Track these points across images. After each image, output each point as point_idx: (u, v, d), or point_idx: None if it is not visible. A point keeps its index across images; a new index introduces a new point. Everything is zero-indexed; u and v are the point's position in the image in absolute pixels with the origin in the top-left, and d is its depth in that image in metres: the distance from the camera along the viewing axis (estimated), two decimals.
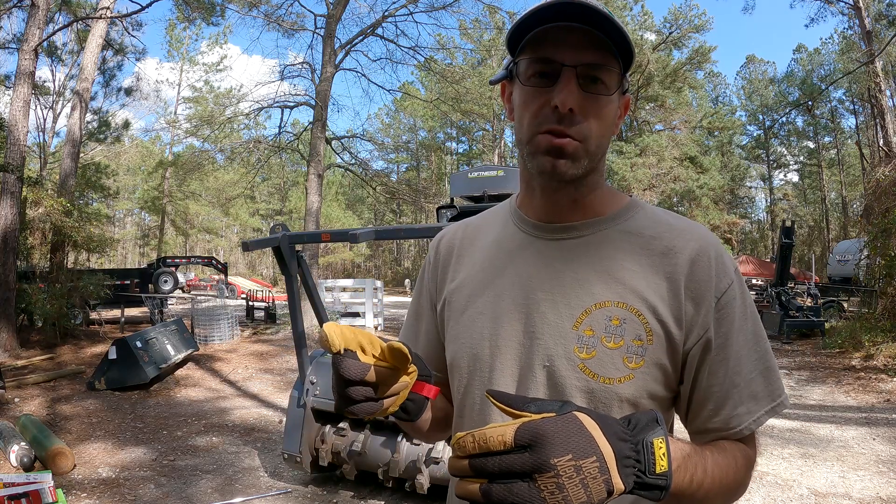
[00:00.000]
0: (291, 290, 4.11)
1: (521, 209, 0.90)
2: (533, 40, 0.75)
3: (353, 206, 42.87)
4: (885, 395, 6.66)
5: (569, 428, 0.55)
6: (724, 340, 0.77)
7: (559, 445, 0.53)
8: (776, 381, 0.79)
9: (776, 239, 16.63)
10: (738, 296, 0.78)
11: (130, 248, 43.62)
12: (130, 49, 17.26)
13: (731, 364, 0.77)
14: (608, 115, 0.78)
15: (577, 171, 0.77)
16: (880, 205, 9.85)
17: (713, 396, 0.77)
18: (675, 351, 0.77)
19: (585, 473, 0.53)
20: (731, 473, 0.74)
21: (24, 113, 9.01)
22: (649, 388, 0.76)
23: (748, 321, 0.79)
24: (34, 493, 3.15)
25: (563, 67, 0.74)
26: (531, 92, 0.77)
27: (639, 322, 0.76)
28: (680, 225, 0.82)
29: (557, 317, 0.79)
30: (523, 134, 0.79)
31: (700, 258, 0.78)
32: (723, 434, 0.78)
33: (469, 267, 0.91)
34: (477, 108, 28.24)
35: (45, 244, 9.87)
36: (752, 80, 38.90)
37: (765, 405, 0.78)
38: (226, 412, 6.30)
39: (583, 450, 0.54)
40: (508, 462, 0.53)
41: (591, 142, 0.77)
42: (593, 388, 0.75)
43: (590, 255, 0.81)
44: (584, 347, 0.76)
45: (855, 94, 28.67)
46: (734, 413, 0.77)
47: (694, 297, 0.77)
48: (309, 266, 4.45)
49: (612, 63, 0.75)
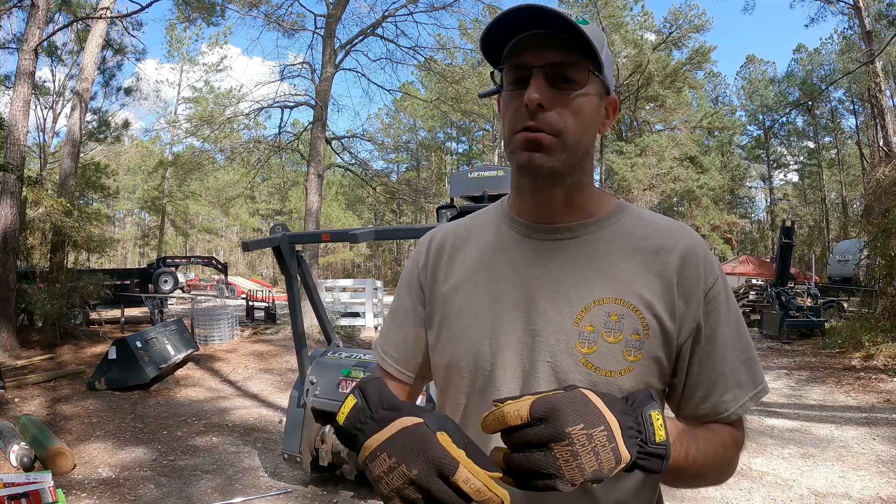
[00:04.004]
0: (291, 290, 4.11)
1: (512, 211, 0.92)
2: (510, 50, 0.81)
3: (353, 206, 42.85)
4: (885, 395, 6.66)
5: (578, 401, 0.61)
6: (712, 332, 0.82)
7: (572, 416, 0.59)
8: (757, 369, 0.85)
9: (776, 239, 16.62)
10: (723, 291, 0.84)
11: (130, 248, 43.58)
12: (130, 49, 17.28)
13: (718, 354, 0.83)
14: (583, 110, 0.81)
15: (553, 164, 0.80)
16: (880, 205, 9.85)
17: (703, 384, 0.83)
18: (670, 344, 0.81)
19: (596, 442, 0.59)
20: (721, 451, 0.81)
21: (24, 113, 9.01)
22: (647, 380, 0.80)
23: (732, 315, 0.84)
24: (34, 493, 3.16)
25: (533, 69, 0.79)
26: (509, 95, 0.82)
27: (636, 317, 0.80)
28: (667, 225, 0.87)
29: (558, 314, 0.82)
30: (505, 135, 0.83)
31: (689, 256, 0.83)
32: (712, 419, 0.84)
33: (462, 268, 0.92)
34: (477, 108, 28.22)
35: (45, 244, 9.87)
36: (752, 80, 38.91)
37: (748, 392, 0.84)
38: (226, 412, 6.30)
39: (593, 420, 0.60)
40: (525, 435, 0.59)
41: (568, 135, 0.79)
42: (596, 382, 0.79)
43: (586, 255, 0.84)
44: (586, 343, 0.80)
45: (855, 94, 28.70)
46: (721, 399, 0.83)
47: (685, 292, 0.82)
48: (309, 266, 4.45)
49: (579, 59, 0.79)
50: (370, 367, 3.81)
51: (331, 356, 4.08)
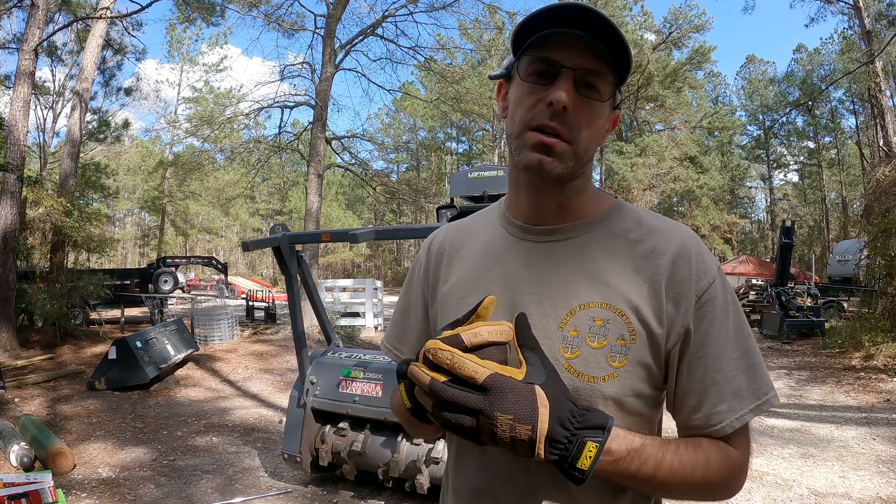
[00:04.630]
0: (291, 290, 4.11)
1: (508, 211, 0.92)
2: (537, 41, 0.78)
3: (353, 206, 42.85)
4: (885, 395, 6.66)
5: (522, 395, 0.65)
6: (704, 338, 0.78)
7: (509, 403, 0.64)
8: (761, 378, 0.79)
9: (776, 239, 16.63)
10: (720, 294, 0.80)
11: (130, 248, 43.58)
12: (130, 49, 17.26)
13: (710, 361, 0.78)
14: (598, 122, 0.81)
15: (562, 171, 0.79)
16: (880, 205, 9.85)
17: (693, 393, 0.79)
18: (658, 350, 0.79)
19: (518, 433, 0.64)
20: (701, 472, 0.75)
21: (24, 113, 9.01)
22: (634, 386, 0.79)
23: (730, 319, 0.79)
24: (34, 493, 3.16)
25: (563, 69, 0.77)
26: (528, 88, 0.80)
27: (622, 322, 0.78)
28: (662, 226, 0.84)
29: (543, 318, 0.81)
30: (514, 128, 0.81)
31: (680, 258, 0.80)
32: (705, 431, 0.79)
33: (460, 269, 0.93)
34: (477, 108, 28.23)
35: (45, 244, 9.87)
36: (752, 80, 38.90)
37: (748, 403, 0.77)
38: (226, 412, 6.30)
39: (524, 416, 0.64)
40: (463, 398, 0.64)
41: (580, 145, 0.79)
42: (578, 387, 0.78)
43: (575, 258, 0.83)
44: (569, 347, 0.79)
45: (855, 94, 28.67)
46: (714, 410, 0.77)
47: (674, 296, 0.79)
48: (309, 266, 4.45)
49: (608, 73, 0.78)
50: (370, 367, 3.81)
51: (331, 356, 4.08)
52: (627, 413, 0.79)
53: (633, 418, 0.80)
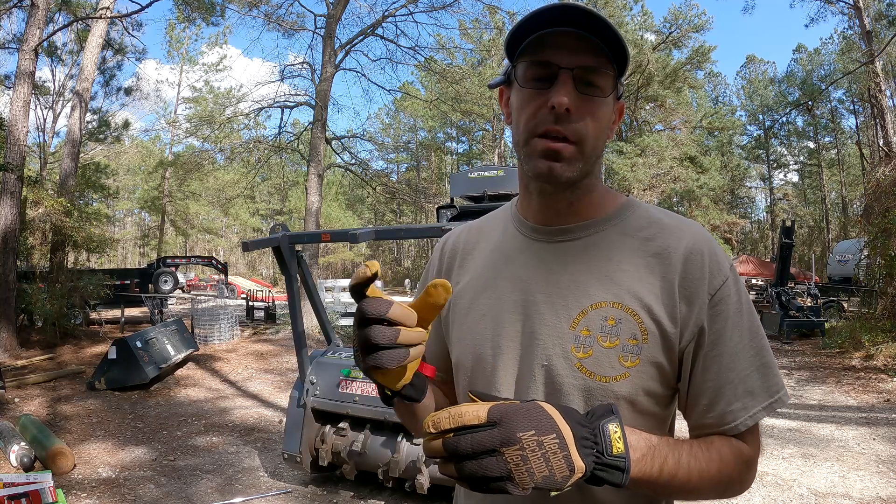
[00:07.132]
0: (291, 290, 4.11)
1: (520, 212, 0.92)
2: (531, 45, 0.77)
3: (353, 206, 42.83)
4: (885, 395, 6.66)
5: (532, 410, 0.63)
6: (717, 337, 0.78)
7: (523, 421, 0.61)
8: (773, 377, 0.79)
9: (776, 239, 16.63)
10: (733, 293, 0.79)
11: (130, 248, 43.58)
12: (130, 49, 17.29)
13: (724, 360, 0.78)
14: (603, 118, 0.80)
15: (572, 174, 0.79)
16: (880, 205, 9.85)
17: (706, 392, 0.79)
18: (672, 349, 0.78)
19: (547, 448, 0.61)
20: (717, 467, 0.75)
21: (24, 113, 9.01)
22: (646, 385, 0.78)
23: (743, 318, 0.79)
24: (34, 493, 3.16)
25: (560, 70, 0.76)
26: (529, 94, 0.79)
27: (634, 322, 0.78)
28: (674, 224, 0.83)
29: (555, 317, 0.81)
30: (520, 136, 0.81)
31: (693, 257, 0.79)
32: (719, 430, 0.79)
33: (472, 270, 0.93)
34: (477, 108, 28.22)
35: (45, 244, 9.87)
36: (752, 80, 38.88)
37: (761, 401, 0.78)
38: (226, 412, 6.30)
39: (544, 427, 0.62)
40: (479, 438, 0.60)
41: (587, 144, 0.78)
42: (590, 387, 0.77)
43: (586, 258, 0.83)
44: (581, 347, 0.78)
45: (855, 94, 28.67)
46: (728, 409, 0.77)
47: (687, 296, 0.78)
48: (309, 266, 4.45)
49: (607, 67, 0.77)
50: None
51: (331, 356, 4.08)
52: (640, 413, 0.79)
53: (646, 418, 0.80)
